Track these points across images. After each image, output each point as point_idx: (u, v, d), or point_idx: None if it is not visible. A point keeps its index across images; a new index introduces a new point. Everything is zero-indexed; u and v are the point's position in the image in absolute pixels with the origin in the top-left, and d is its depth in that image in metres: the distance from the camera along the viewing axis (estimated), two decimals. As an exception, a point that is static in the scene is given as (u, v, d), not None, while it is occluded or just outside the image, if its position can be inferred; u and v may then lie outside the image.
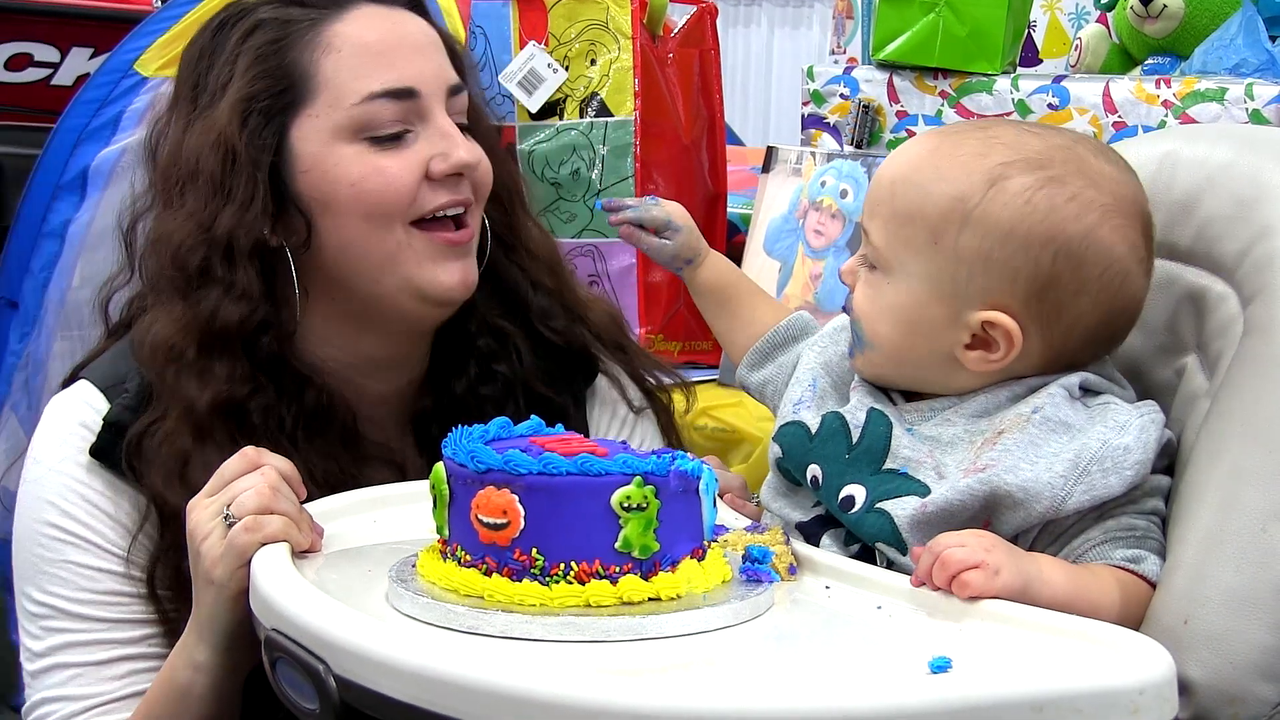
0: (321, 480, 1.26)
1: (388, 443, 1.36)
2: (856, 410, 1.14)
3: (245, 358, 1.28)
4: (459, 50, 1.42)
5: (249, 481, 1.12)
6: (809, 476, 1.14)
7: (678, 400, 1.53)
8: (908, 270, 1.11)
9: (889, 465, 1.10)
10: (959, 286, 1.09)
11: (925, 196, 1.10)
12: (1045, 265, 1.08)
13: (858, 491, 1.11)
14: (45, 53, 3.55)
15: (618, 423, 1.48)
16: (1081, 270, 1.08)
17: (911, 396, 1.15)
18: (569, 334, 1.45)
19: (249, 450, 1.16)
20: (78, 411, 1.32)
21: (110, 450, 1.29)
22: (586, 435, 1.41)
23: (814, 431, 1.15)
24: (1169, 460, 1.11)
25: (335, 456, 1.30)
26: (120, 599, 1.28)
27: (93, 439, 1.30)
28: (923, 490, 1.07)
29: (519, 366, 1.40)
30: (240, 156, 1.28)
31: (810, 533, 1.15)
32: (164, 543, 1.26)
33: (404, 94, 1.30)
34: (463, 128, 1.35)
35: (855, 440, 1.13)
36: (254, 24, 1.33)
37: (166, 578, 1.27)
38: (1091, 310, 1.10)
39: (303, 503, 1.14)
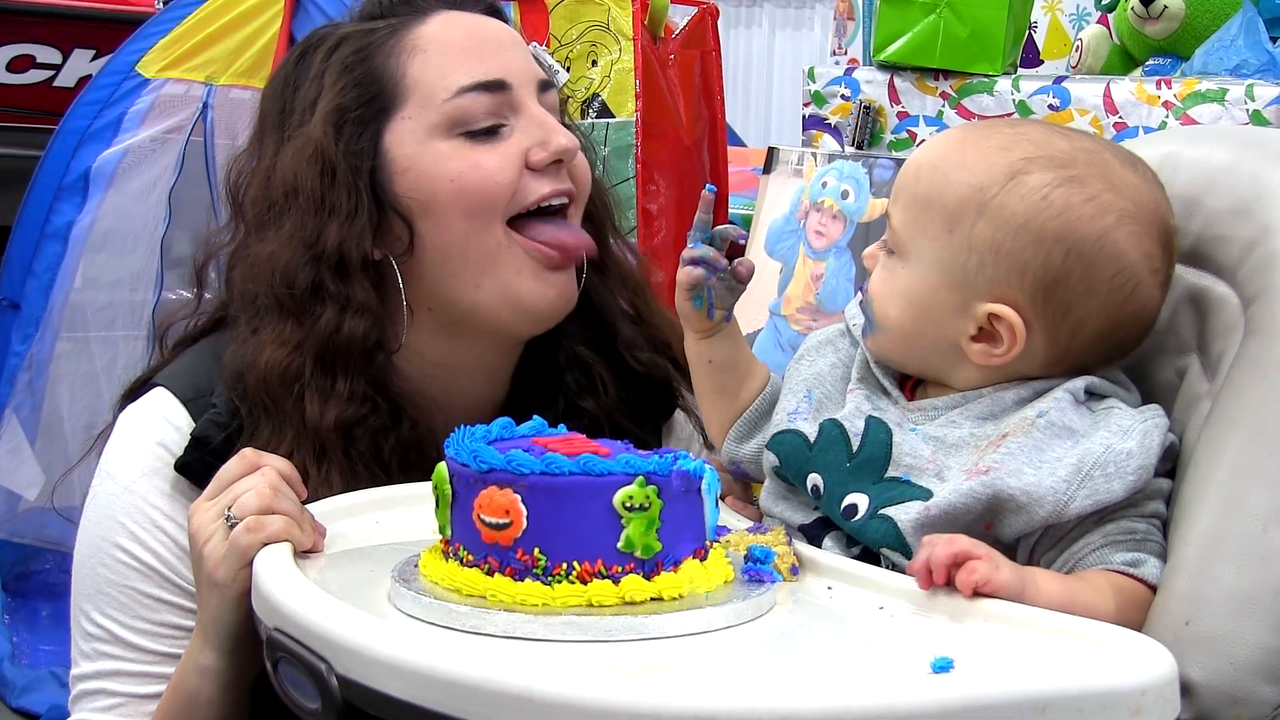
0: None
1: None
2: (855, 418, 1.14)
3: (362, 376, 1.26)
4: (542, 60, 1.41)
5: (249, 482, 1.12)
6: (809, 486, 1.14)
7: None
8: (922, 256, 1.12)
9: (891, 474, 1.10)
10: (969, 275, 1.10)
11: (946, 184, 1.11)
12: (1055, 262, 1.08)
13: (860, 500, 1.10)
14: (47, 54, 3.56)
15: None
16: (1091, 271, 1.08)
17: (914, 393, 1.16)
18: (652, 365, 1.42)
19: (248, 452, 1.15)
20: (156, 429, 1.29)
21: (196, 466, 1.26)
22: None
23: (812, 440, 1.15)
24: (1171, 464, 1.11)
25: None
26: (176, 632, 1.26)
27: (171, 459, 1.27)
28: (925, 495, 1.07)
29: (605, 399, 1.38)
30: (339, 168, 1.27)
31: (812, 535, 1.14)
32: None
33: (495, 86, 1.29)
34: None
35: (855, 449, 1.12)
36: (337, 41, 1.33)
37: None
38: (1098, 313, 1.10)
39: (304, 503, 1.14)
